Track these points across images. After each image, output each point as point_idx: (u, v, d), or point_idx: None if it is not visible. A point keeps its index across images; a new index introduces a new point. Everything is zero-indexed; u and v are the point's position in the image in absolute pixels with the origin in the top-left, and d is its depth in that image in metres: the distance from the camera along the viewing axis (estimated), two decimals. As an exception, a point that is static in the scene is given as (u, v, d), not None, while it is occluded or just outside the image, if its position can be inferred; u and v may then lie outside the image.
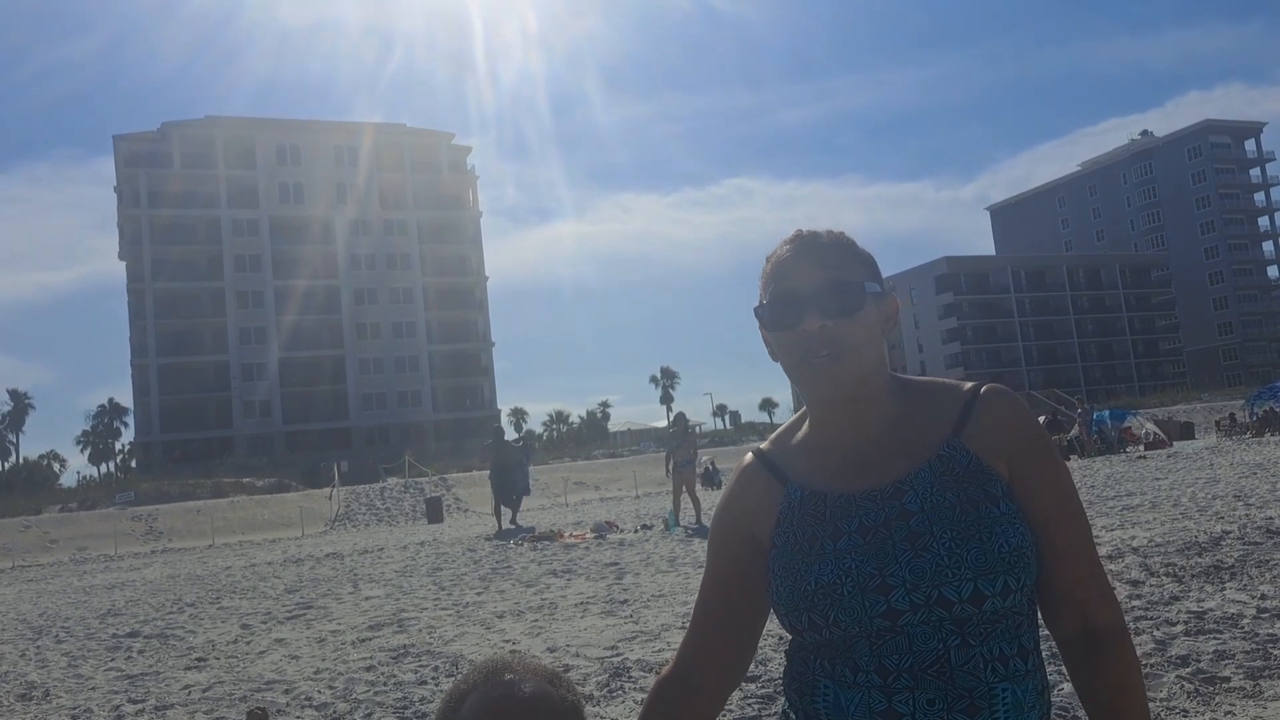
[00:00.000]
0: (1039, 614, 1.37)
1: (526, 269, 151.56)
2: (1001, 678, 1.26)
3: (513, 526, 18.23)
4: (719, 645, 1.48)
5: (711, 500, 22.27)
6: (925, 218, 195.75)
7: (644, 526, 15.88)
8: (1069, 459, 24.97)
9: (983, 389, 1.40)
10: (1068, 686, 4.14)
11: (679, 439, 15.81)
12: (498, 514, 18.79)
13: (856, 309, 1.35)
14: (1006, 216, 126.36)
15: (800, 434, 1.47)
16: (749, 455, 1.51)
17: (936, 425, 1.38)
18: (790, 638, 1.41)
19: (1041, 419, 31.68)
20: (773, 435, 1.53)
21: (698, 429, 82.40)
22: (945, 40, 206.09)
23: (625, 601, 8.32)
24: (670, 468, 15.33)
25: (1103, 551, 8.44)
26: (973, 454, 1.34)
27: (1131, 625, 5.64)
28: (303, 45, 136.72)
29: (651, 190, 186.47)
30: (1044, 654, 1.35)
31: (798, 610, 1.33)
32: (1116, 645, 1.34)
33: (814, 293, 1.35)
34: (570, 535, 15.31)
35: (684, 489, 15.11)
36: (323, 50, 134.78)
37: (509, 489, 18.88)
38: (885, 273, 1.49)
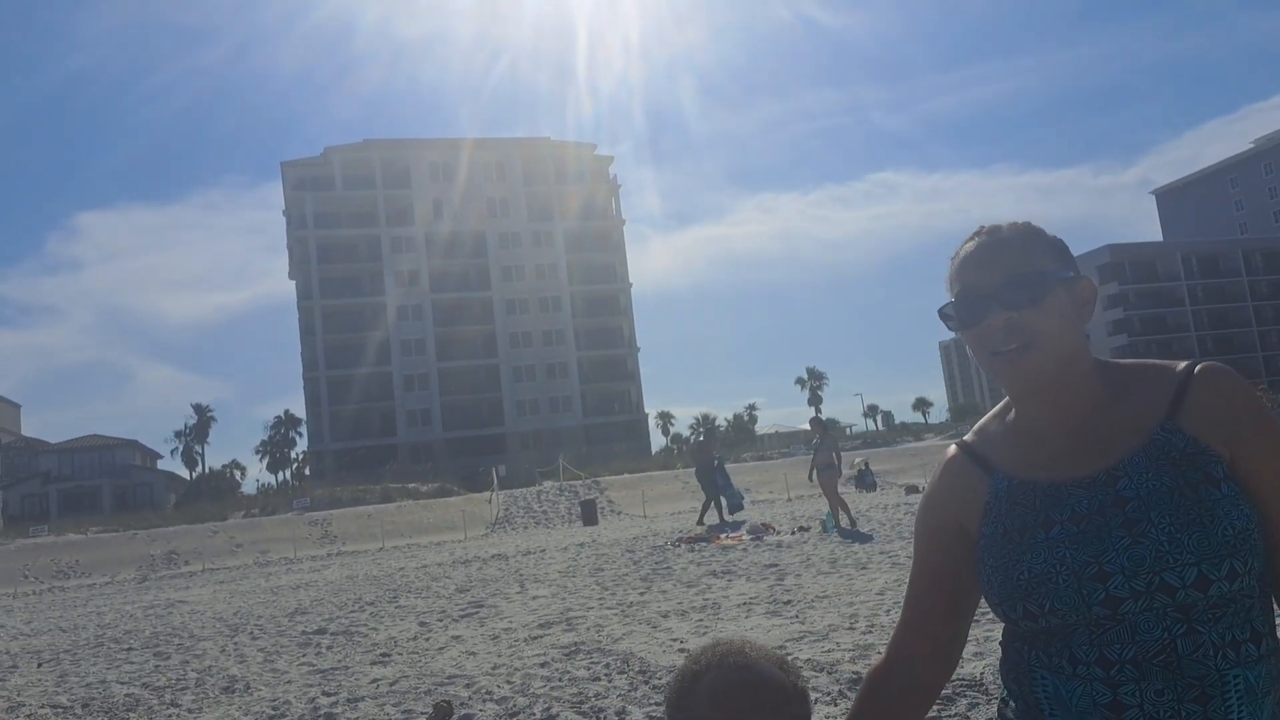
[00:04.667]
0: (1272, 596, 1.33)
1: (669, 274, 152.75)
2: (1233, 664, 1.23)
3: (716, 522, 18.92)
4: (934, 636, 1.49)
5: (861, 501, 21.89)
6: (1084, 205, 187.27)
7: (801, 529, 15.77)
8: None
9: (1197, 367, 1.36)
10: None
11: (819, 443, 15.87)
12: (703, 510, 19.89)
13: (1041, 298, 1.34)
14: (1174, 200, 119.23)
15: (1005, 423, 1.47)
16: (952, 447, 1.53)
17: (1149, 408, 1.35)
18: (1004, 625, 1.41)
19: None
20: (976, 426, 1.54)
21: (848, 430, 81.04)
22: (1099, 19, 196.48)
23: (789, 602, 8.30)
24: (813, 473, 15.50)
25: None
26: (1190, 436, 1.31)
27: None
28: (429, 62, 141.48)
29: (791, 189, 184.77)
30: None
31: (1012, 600, 1.33)
32: None
33: (995, 288, 1.35)
34: (726, 537, 15.36)
35: (833, 491, 15.20)
36: (452, 67, 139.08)
37: (710, 488, 20.09)
38: None
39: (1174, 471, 1.29)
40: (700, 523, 18.83)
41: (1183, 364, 1.39)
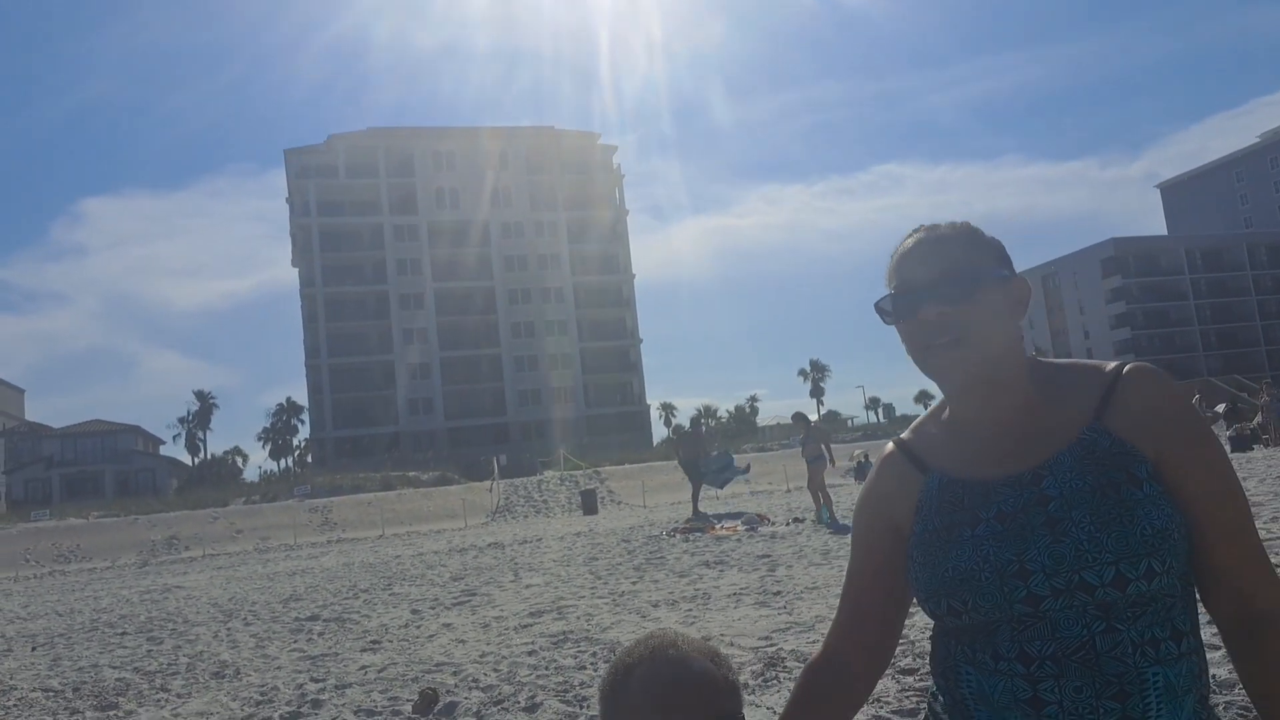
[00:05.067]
0: (1197, 596, 1.35)
1: (672, 265, 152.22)
2: (1152, 661, 1.24)
3: (699, 513, 18.87)
4: (865, 630, 1.51)
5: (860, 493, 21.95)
6: (1089, 198, 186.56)
7: (796, 520, 15.81)
8: (1251, 449, 23.40)
9: (1125, 368, 1.38)
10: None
11: (805, 438, 16.02)
12: (694, 500, 19.97)
13: (975, 294, 1.36)
14: (1178, 194, 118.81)
15: (940, 421, 1.49)
16: (890, 445, 1.55)
17: (1078, 409, 1.37)
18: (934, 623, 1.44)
19: (1221, 406, 29.90)
20: (914, 424, 1.56)
21: (849, 422, 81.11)
22: (1106, 11, 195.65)
23: (779, 593, 8.33)
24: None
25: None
26: (1115, 436, 1.33)
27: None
28: (438, 56, 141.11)
29: (797, 180, 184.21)
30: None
31: (937, 596, 1.35)
32: (1277, 629, 1.30)
33: (930, 282, 1.37)
34: (721, 528, 15.40)
35: (821, 483, 15.35)
36: (458, 57, 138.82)
37: (696, 476, 20.02)
38: (1046, 257, 1.53)
39: (1098, 471, 1.31)
40: (697, 513, 18.89)
41: (1112, 365, 1.40)
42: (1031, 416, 1.39)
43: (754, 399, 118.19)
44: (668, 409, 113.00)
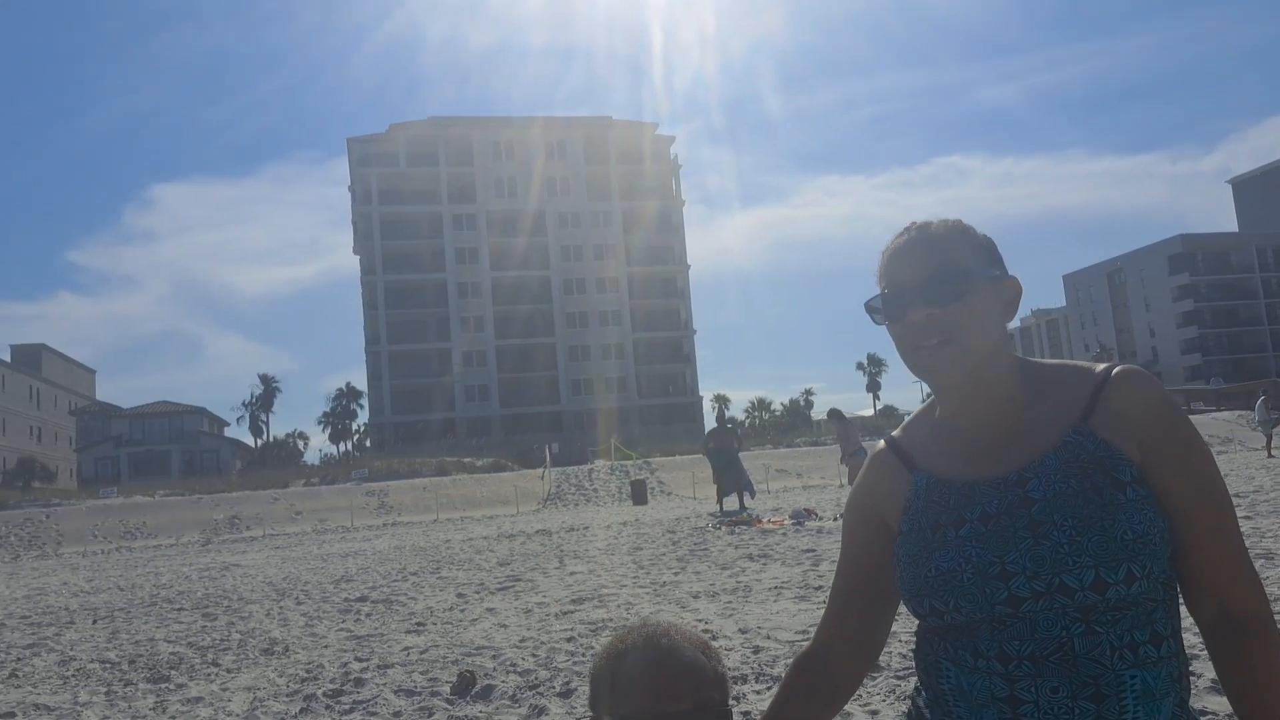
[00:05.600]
0: (1179, 600, 1.36)
1: (728, 256, 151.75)
2: (1130, 665, 1.25)
3: (735, 508, 18.82)
4: (853, 627, 1.53)
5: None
6: (1158, 193, 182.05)
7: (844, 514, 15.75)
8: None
9: (1114, 370, 1.38)
10: None
11: (842, 434, 16.11)
12: (720, 496, 19.75)
13: (964, 294, 1.36)
14: (1252, 189, 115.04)
15: (931, 420, 1.50)
16: (881, 442, 1.57)
17: (1064, 410, 1.37)
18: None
19: (1289, 409, 28.99)
20: (905, 422, 1.57)
21: (905, 418, 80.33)
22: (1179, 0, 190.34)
23: (820, 588, 8.31)
24: (843, 458, 16.05)
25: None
26: (1101, 439, 1.33)
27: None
28: (495, 52, 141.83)
29: (857, 172, 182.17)
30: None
31: (920, 596, 1.36)
32: (1256, 635, 1.31)
33: (920, 283, 1.37)
34: (768, 521, 15.38)
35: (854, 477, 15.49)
36: (516, 46, 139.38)
37: (729, 474, 19.62)
38: (1112, 253, 1.49)
39: (1082, 474, 1.32)
40: (742, 508, 18.80)
41: (1102, 366, 1.41)
42: (1018, 417, 1.40)
43: (809, 392, 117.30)
44: (721, 401, 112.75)
